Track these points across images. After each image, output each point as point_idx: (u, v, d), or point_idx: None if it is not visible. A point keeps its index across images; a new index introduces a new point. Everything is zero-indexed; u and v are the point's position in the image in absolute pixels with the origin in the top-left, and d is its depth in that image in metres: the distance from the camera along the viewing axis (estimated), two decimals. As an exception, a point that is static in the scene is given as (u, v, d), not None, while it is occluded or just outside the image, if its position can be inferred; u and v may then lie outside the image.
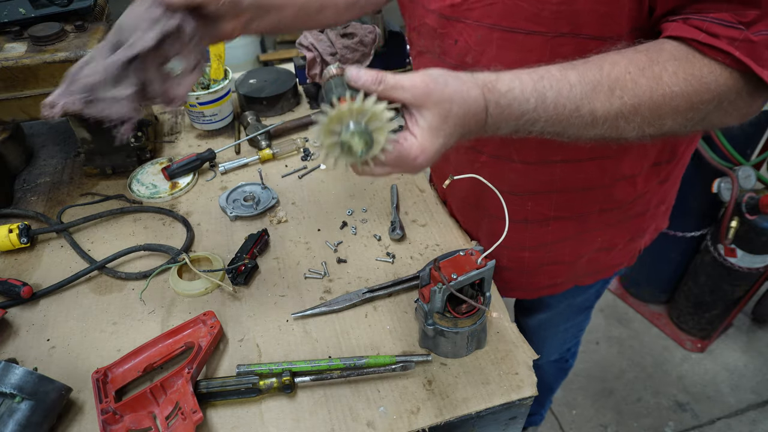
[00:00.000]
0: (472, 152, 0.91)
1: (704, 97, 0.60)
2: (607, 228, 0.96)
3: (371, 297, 0.91)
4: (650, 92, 0.59)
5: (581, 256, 1.01)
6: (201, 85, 1.30)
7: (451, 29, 0.78)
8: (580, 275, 1.07)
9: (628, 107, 0.60)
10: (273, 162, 1.25)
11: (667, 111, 0.60)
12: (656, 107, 0.60)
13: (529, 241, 0.98)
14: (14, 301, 0.93)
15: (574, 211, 0.92)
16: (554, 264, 1.02)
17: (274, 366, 0.80)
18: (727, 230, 1.80)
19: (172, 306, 0.93)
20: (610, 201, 0.90)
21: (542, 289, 1.08)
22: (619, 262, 1.07)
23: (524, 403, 0.79)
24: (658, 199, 0.98)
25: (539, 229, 0.95)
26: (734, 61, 0.58)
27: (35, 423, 0.71)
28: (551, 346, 1.39)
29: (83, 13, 1.03)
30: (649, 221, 1.02)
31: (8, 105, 0.98)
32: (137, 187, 1.17)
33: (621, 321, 2.35)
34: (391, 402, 0.78)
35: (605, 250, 1.01)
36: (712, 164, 1.75)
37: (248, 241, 1.00)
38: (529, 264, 1.02)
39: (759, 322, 2.29)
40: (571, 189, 0.88)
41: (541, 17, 0.67)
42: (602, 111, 0.60)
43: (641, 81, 0.59)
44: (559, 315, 1.24)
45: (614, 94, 0.60)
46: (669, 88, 0.59)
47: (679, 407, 2.03)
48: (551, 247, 0.98)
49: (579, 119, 0.61)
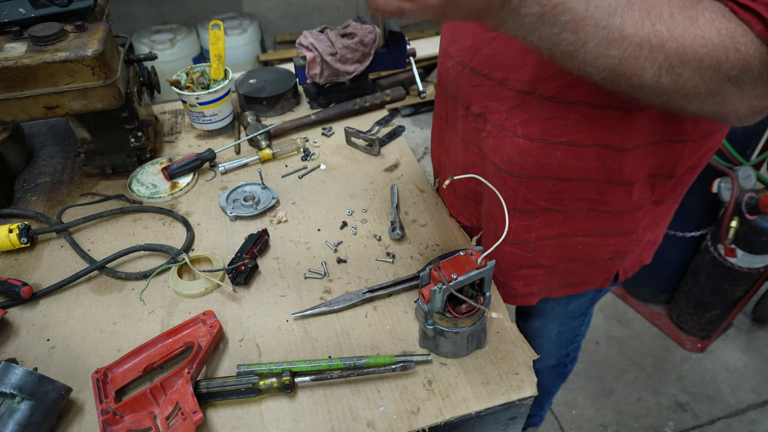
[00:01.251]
0: (479, 120, 0.90)
1: (731, 56, 0.56)
2: (590, 236, 0.95)
3: (371, 297, 0.91)
4: (682, 30, 0.56)
5: (560, 261, 1.00)
6: (201, 85, 1.30)
7: None
8: (553, 286, 1.06)
9: (657, 36, 0.56)
10: (273, 162, 1.25)
11: (691, 58, 0.56)
12: (683, 49, 0.56)
13: (513, 233, 0.96)
14: (14, 301, 0.93)
15: (564, 204, 0.90)
16: (533, 267, 1.01)
17: (274, 366, 0.80)
18: (727, 230, 1.80)
19: (172, 306, 0.93)
20: (601, 201, 0.89)
21: (518, 297, 1.07)
22: (593, 280, 1.06)
23: (524, 403, 0.79)
24: (646, 221, 0.96)
25: (526, 221, 0.93)
26: (764, 27, 0.54)
27: (35, 423, 0.71)
28: (548, 351, 1.39)
29: (83, 13, 1.03)
30: (633, 245, 1.00)
31: (8, 105, 0.98)
32: (137, 187, 1.17)
33: (621, 321, 2.35)
34: (391, 402, 0.78)
35: (583, 262, 1.00)
36: (712, 164, 1.75)
37: (248, 241, 1.01)
38: (509, 261, 1.01)
39: (759, 322, 2.29)
40: (567, 178, 0.86)
41: None
42: (631, 29, 0.56)
43: (677, 16, 0.56)
44: (552, 321, 1.24)
45: (649, 16, 0.56)
46: (701, 32, 0.55)
47: (679, 407, 2.04)
48: (533, 246, 0.97)
49: (606, 30, 0.56)
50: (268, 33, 3.60)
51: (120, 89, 1.02)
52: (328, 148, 1.29)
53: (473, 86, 0.88)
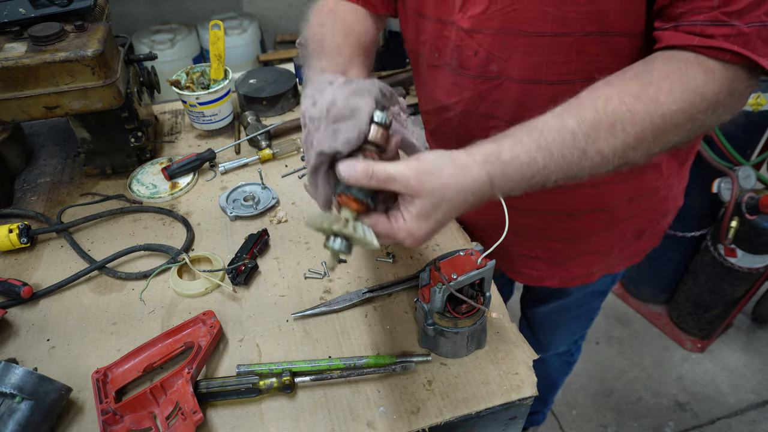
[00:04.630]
0: None
1: (701, 107, 0.61)
2: (636, 216, 0.98)
3: (371, 297, 0.91)
4: (650, 117, 0.60)
5: (613, 246, 1.02)
6: (201, 85, 1.30)
7: (470, 41, 0.78)
8: (613, 264, 1.08)
9: (632, 138, 0.61)
10: (273, 162, 1.25)
11: (669, 129, 0.61)
12: (658, 129, 0.61)
13: (562, 232, 0.98)
14: (14, 301, 0.93)
15: (606, 204, 0.93)
16: (587, 255, 1.03)
17: (274, 366, 0.80)
18: (727, 230, 1.80)
19: (172, 306, 0.93)
20: (638, 189, 0.92)
21: (577, 278, 1.09)
22: (648, 246, 1.09)
23: (524, 403, 0.79)
24: (678, 179, 1.00)
25: (571, 222, 0.96)
26: (734, 55, 0.59)
27: (35, 423, 0.71)
28: (562, 335, 1.40)
29: (83, 13, 1.03)
30: (672, 202, 1.04)
31: (8, 105, 0.98)
32: (137, 187, 1.17)
33: (621, 321, 2.35)
34: (391, 402, 0.78)
35: (636, 238, 1.03)
36: (712, 164, 1.75)
37: (248, 241, 1.00)
38: (560, 254, 1.03)
39: (759, 322, 2.29)
40: (603, 183, 0.89)
41: (567, 19, 0.68)
42: (608, 149, 0.61)
43: (638, 108, 0.60)
44: (577, 300, 1.25)
45: (616, 129, 0.60)
46: (667, 107, 0.60)
47: (679, 407, 2.03)
48: (585, 240, 0.99)
49: (588, 162, 0.61)
50: (268, 33, 3.59)
51: (120, 89, 1.02)
52: (328, 148, 1.28)
53: (486, 128, 0.91)
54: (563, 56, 0.72)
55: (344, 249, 0.61)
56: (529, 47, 0.73)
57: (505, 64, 0.77)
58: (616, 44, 0.68)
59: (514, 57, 0.75)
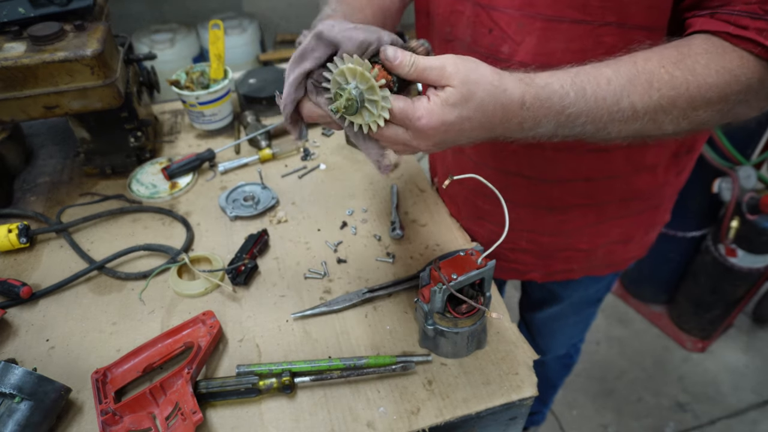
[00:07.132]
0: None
1: (734, 88, 0.60)
2: (625, 218, 0.97)
3: (371, 297, 0.91)
4: (686, 84, 0.60)
5: (598, 246, 1.02)
6: (201, 85, 1.30)
7: (486, 17, 0.77)
8: (594, 265, 1.08)
9: (666, 99, 0.60)
10: (273, 162, 1.24)
11: (701, 103, 0.61)
12: (692, 99, 0.60)
13: (549, 226, 0.98)
14: (13, 301, 0.93)
15: (597, 199, 0.93)
16: (570, 250, 1.03)
17: (273, 366, 0.80)
18: (727, 230, 1.80)
19: (172, 306, 0.93)
20: (631, 190, 0.92)
21: (556, 273, 1.08)
22: (633, 255, 1.08)
23: (524, 404, 0.79)
24: (672, 190, 0.99)
25: (560, 215, 0.96)
26: (763, 49, 0.59)
27: (35, 423, 0.71)
28: (560, 340, 1.40)
29: (83, 13, 1.03)
30: (663, 214, 1.04)
31: (8, 105, 0.98)
32: (137, 187, 1.17)
33: (621, 321, 2.35)
34: (391, 402, 0.77)
35: (622, 243, 1.03)
36: (712, 164, 1.75)
37: (248, 241, 1.00)
38: (546, 248, 1.03)
39: (759, 322, 2.29)
40: (597, 178, 0.89)
41: (589, 6, 0.67)
42: (642, 104, 0.60)
43: (676, 73, 0.60)
44: (571, 306, 1.24)
45: (652, 87, 0.60)
46: (703, 79, 0.60)
47: (680, 407, 2.03)
48: (570, 234, 0.99)
49: (620, 113, 0.60)
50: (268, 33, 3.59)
51: (119, 89, 1.02)
52: (328, 148, 1.28)
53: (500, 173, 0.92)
54: (579, 44, 0.71)
55: (355, 100, 0.58)
56: (546, 32, 0.72)
57: (517, 47, 0.76)
58: (634, 37, 0.67)
59: (528, 41, 0.74)
